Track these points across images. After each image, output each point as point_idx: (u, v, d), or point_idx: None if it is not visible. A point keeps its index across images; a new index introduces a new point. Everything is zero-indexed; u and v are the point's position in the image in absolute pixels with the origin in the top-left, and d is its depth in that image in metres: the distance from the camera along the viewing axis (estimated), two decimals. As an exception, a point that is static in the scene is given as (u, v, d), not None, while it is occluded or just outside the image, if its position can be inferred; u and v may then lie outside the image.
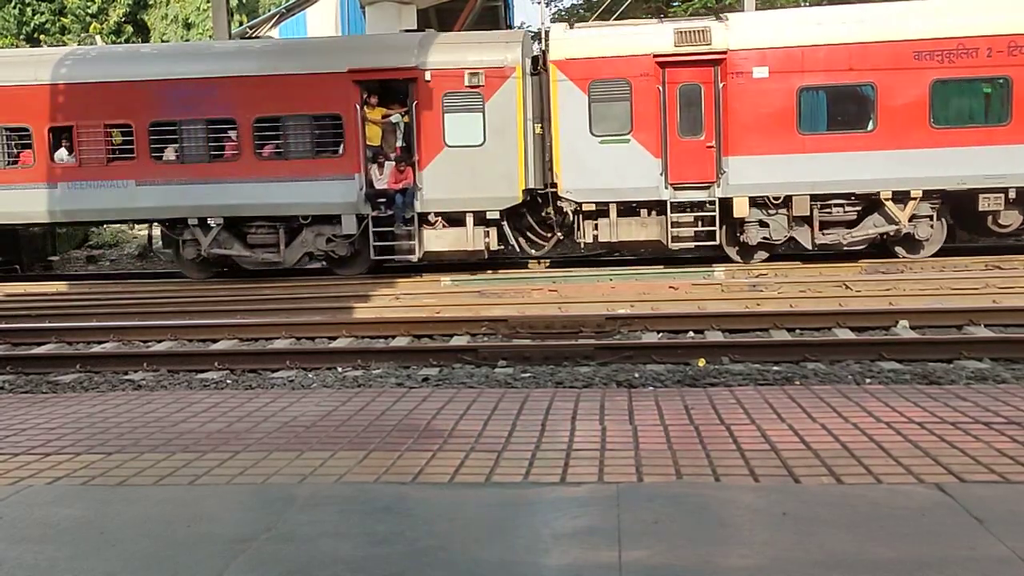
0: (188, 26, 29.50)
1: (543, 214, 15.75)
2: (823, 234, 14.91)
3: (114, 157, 15.66)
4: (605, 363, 8.12)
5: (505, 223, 15.41)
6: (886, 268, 14.06)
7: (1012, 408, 4.82)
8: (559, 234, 15.82)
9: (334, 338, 9.88)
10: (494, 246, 15.50)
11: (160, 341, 10.02)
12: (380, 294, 13.13)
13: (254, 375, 8.33)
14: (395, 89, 15.59)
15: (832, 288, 12.18)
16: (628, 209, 15.16)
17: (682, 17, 20.54)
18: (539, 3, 42.74)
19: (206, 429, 4.97)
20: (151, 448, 4.58)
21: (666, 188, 14.90)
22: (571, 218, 15.40)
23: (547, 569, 3.00)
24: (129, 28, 30.79)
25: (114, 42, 28.36)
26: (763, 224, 15.00)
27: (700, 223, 15.00)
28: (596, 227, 15.26)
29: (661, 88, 14.76)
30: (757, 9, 18.80)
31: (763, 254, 15.35)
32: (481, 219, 15.27)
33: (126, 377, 8.37)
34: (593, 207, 15.17)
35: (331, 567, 3.05)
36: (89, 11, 30.61)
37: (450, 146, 15.06)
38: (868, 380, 7.24)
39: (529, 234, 16.03)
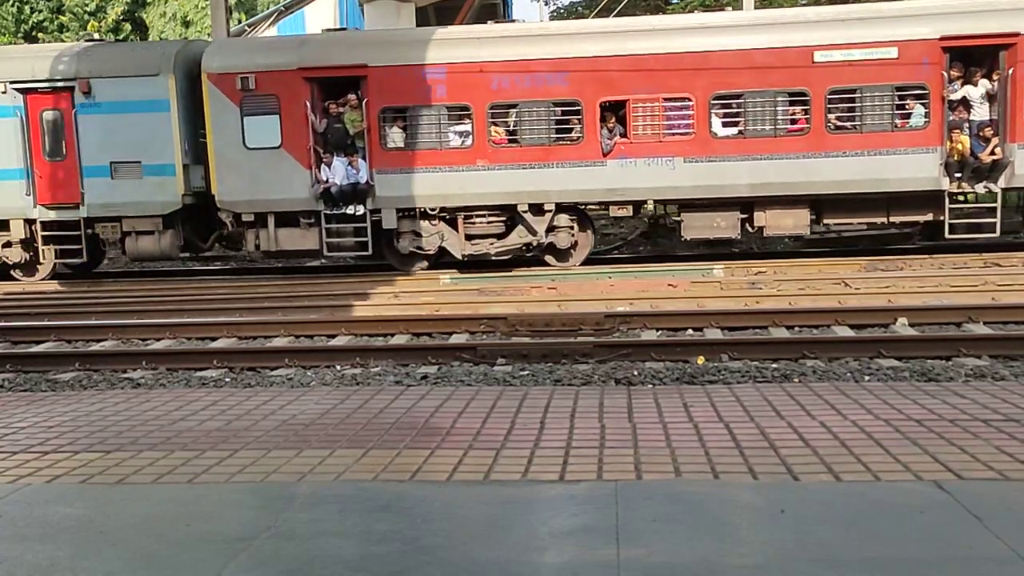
0: (187, 24, 29.45)
1: None
2: None
3: None
4: (604, 361, 8.13)
5: None
6: (885, 265, 14.05)
7: (1011, 405, 4.83)
8: None
9: (333, 336, 9.89)
10: None
11: (159, 339, 10.02)
12: (379, 292, 13.12)
13: (253, 373, 8.34)
14: None
15: (831, 285, 12.17)
16: None
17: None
18: (538, 0, 42.77)
19: (205, 427, 4.96)
20: (150, 446, 4.58)
21: None
22: None
23: (545, 567, 3.00)
24: (128, 26, 30.71)
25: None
26: None
27: None
28: None
29: None
30: (756, 8, 18.68)
31: None
32: None
33: (125, 375, 8.38)
34: None
35: (331, 566, 3.05)
36: (87, 9, 30.53)
37: None
38: (867, 377, 7.26)
39: None
